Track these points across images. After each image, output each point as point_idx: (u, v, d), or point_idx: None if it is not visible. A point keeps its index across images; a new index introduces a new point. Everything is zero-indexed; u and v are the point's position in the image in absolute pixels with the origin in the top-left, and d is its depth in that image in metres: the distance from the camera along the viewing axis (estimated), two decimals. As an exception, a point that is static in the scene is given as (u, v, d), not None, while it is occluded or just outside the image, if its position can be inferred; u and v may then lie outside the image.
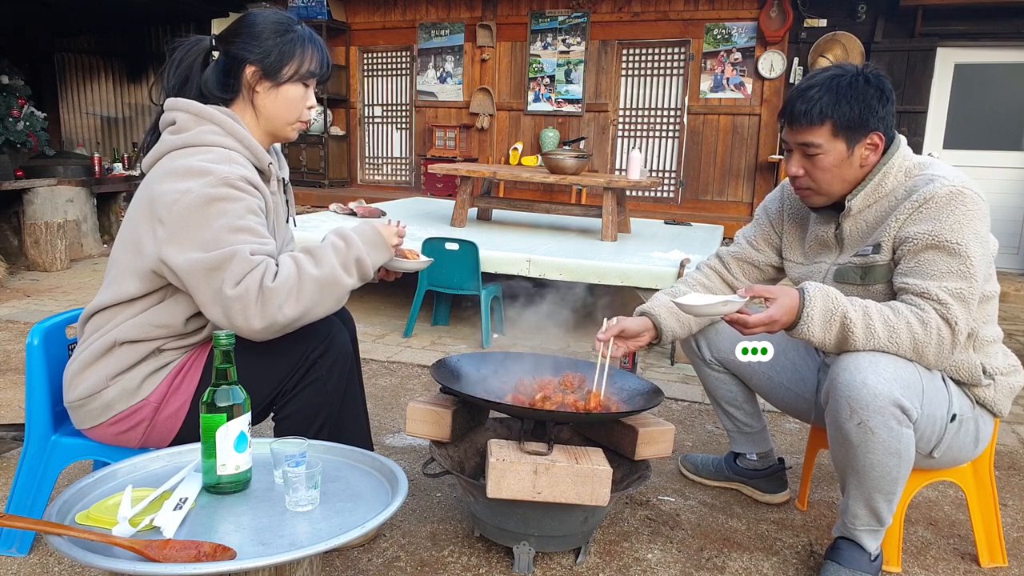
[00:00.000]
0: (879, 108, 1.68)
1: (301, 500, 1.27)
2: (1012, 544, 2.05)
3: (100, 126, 8.05)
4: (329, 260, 1.54)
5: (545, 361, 2.15)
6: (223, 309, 1.45)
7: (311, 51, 1.68)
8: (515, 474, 1.62)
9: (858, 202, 1.75)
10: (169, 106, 1.64)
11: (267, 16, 1.68)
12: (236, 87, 1.66)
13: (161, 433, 1.62)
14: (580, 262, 3.90)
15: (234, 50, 1.65)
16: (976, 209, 1.61)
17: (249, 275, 1.45)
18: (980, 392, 1.74)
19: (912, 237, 1.63)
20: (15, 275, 5.41)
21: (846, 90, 1.67)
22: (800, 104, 1.70)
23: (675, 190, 7.78)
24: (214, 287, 1.45)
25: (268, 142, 1.74)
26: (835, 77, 1.69)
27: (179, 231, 1.47)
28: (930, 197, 1.62)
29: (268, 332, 1.49)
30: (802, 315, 1.60)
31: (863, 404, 1.56)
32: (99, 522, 1.18)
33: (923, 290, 1.59)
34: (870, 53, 6.88)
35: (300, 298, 1.48)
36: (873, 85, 1.68)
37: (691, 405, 3.14)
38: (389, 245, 1.68)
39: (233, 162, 1.56)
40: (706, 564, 1.89)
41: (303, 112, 1.72)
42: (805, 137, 1.71)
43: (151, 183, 1.54)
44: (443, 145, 8.27)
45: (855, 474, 1.65)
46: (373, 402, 2.88)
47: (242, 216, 1.49)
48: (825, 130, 1.69)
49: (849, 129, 1.68)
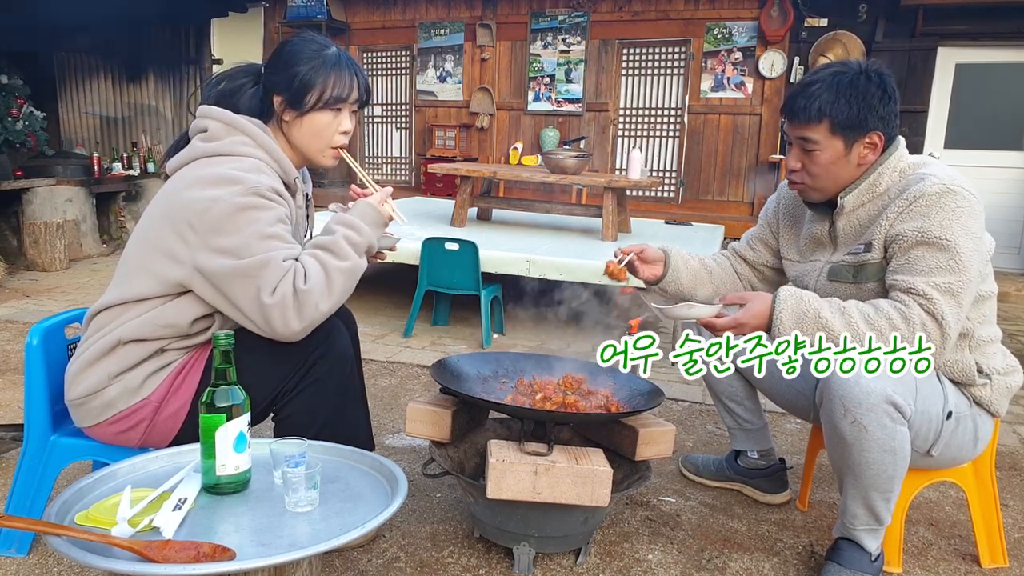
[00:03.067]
0: (880, 107, 1.67)
1: (301, 501, 1.27)
2: (1013, 544, 2.04)
3: (99, 126, 8.03)
4: (347, 250, 1.59)
5: (545, 361, 2.15)
6: (263, 316, 1.49)
7: (335, 76, 1.67)
8: (515, 475, 1.62)
9: (851, 200, 1.75)
10: (202, 113, 1.66)
11: (295, 44, 1.69)
12: (269, 114, 1.70)
13: (161, 433, 1.62)
14: (580, 262, 3.89)
15: (266, 79, 1.69)
16: (966, 206, 1.60)
17: (283, 281, 1.49)
18: (976, 392, 1.74)
19: (902, 235, 1.63)
20: (14, 275, 5.40)
21: (846, 88, 1.66)
22: (800, 99, 1.70)
23: (675, 190, 7.77)
24: (250, 295, 1.49)
25: (300, 164, 1.76)
26: (837, 74, 1.68)
27: (211, 238, 1.49)
28: (920, 195, 1.62)
29: (306, 331, 1.54)
30: (772, 319, 1.63)
31: (856, 402, 1.57)
32: (98, 522, 1.18)
33: (910, 286, 1.59)
34: (871, 53, 6.87)
35: (332, 292, 1.54)
36: (875, 83, 1.67)
37: (691, 405, 3.13)
38: (385, 218, 1.72)
39: (261, 172, 1.58)
40: (707, 565, 1.89)
41: (334, 138, 1.72)
42: (803, 132, 1.72)
43: (179, 188, 1.56)
44: (443, 145, 8.26)
45: (851, 473, 1.65)
46: (373, 402, 2.87)
47: (272, 224, 1.53)
48: (823, 128, 1.69)
49: (847, 128, 1.68)
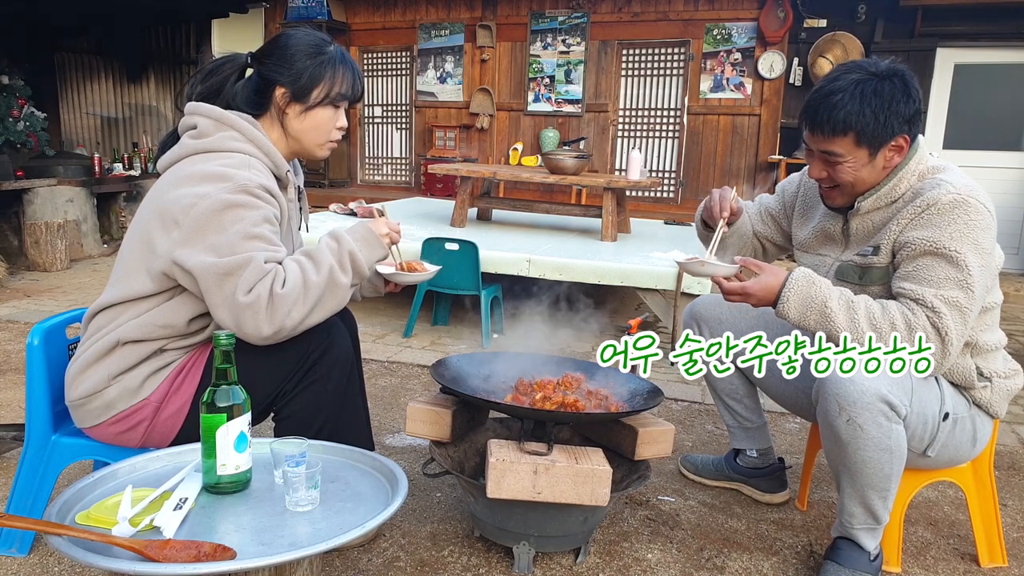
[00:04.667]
0: (905, 110, 1.62)
1: (301, 500, 1.27)
2: (1012, 544, 2.05)
3: (100, 126, 8.04)
4: (327, 261, 1.57)
5: (545, 361, 2.15)
6: (234, 315, 1.48)
7: (341, 73, 1.69)
8: (515, 474, 1.62)
9: (869, 203, 1.73)
10: (190, 110, 1.65)
11: (300, 37, 1.69)
12: (265, 105, 1.69)
13: (161, 433, 1.62)
14: (580, 262, 3.90)
15: (266, 70, 1.68)
16: (979, 219, 1.58)
17: (260, 283, 1.48)
18: (976, 394, 1.74)
19: (911, 242, 1.62)
20: (15, 275, 5.41)
21: (871, 97, 1.60)
22: (823, 110, 1.64)
23: (675, 190, 7.77)
24: (227, 292, 1.48)
25: (291, 157, 1.76)
26: (860, 82, 1.62)
27: (194, 234, 1.49)
28: (933, 203, 1.60)
29: (275, 337, 1.52)
30: (780, 296, 1.64)
31: (851, 401, 1.57)
32: (99, 522, 1.18)
33: (918, 296, 1.58)
34: (870, 53, 6.87)
35: (306, 302, 1.52)
36: (899, 87, 1.62)
37: (691, 405, 3.14)
38: (382, 241, 1.69)
39: (252, 168, 1.58)
40: (706, 564, 1.89)
41: (332, 133, 1.74)
42: (827, 146, 1.67)
43: (168, 185, 1.56)
44: (443, 145, 8.27)
45: (848, 472, 1.65)
46: (373, 402, 2.88)
47: (257, 224, 1.52)
48: (848, 140, 1.64)
49: (873, 137, 1.63)
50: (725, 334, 1.66)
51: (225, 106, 1.67)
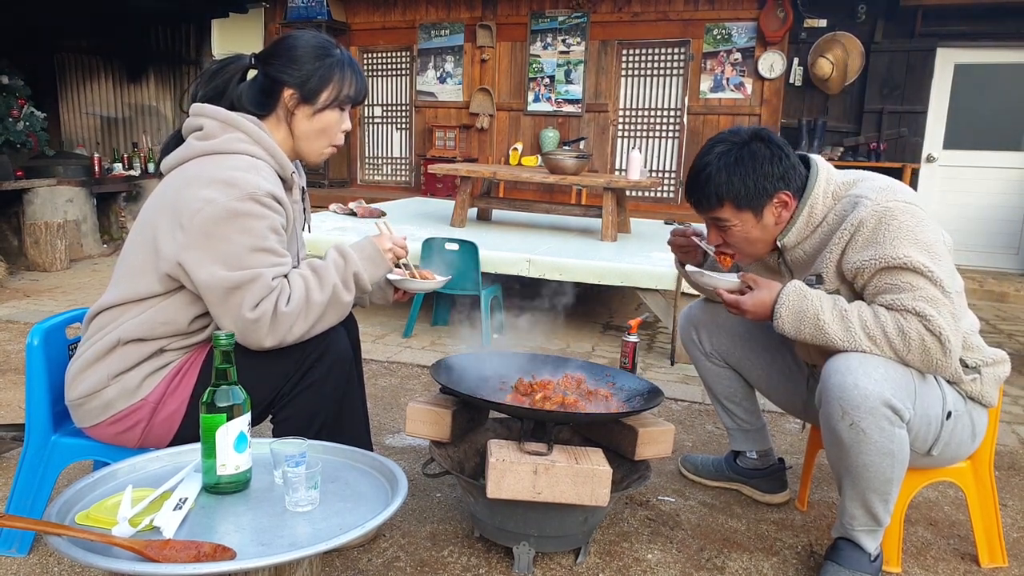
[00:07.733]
0: (774, 170, 1.68)
1: (301, 500, 1.27)
2: (1012, 544, 2.05)
3: (100, 126, 8.04)
4: (331, 280, 1.60)
5: (545, 361, 2.16)
6: (238, 328, 1.51)
7: (349, 76, 1.69)
8: (515, 474, 1.62)
9: (791, 239, 1.75)
10: (196, 111, 1.65)
11: (307, 39, 1.69)
12: (272, 106, 1.68)
13: (159, 434, 1.62)
14: (580, 262, 3.90)
15: (273, 71, 1.67)
16: (909, 219, 1.59)
17: (266, 299, 1.51)
18: (968, 387, 1.74)
19: (861, 266, 1.62)
20: (15, 275, 5.41)
21: (734, 166, 1.67)
22: (697, 188, 1.72)
23: (675, 190, 7.77)
24: (232, 305, 1.50)
25: (294, 157, 1.77)
26: (722, 154, 1.69)
27: (200, 241, 1.49)
28: (859, 224, 1.62)
29: (275, 347, 1.56)
30: (773, 311, 1.67)
31: (854, 405, 1.57)
32: (99, 522, 1.18)
33: (901, 305, 1.58)
34: (870, 53, 6.88)
35: (308, 318, 1.56)
36: (762, 150, 1.67)
37: (691, 405, 3.14)
38: (386, 259, 1.72)
39: (258, 171, 1.57)
40: (706, 564, 1.89)
41: (336, 136, 1.74)
42: (710, 215, 1.74)
43: (174, 187, 1.56)
44: (443, 145, 8.27)
45: (849, 475, 1.66)
46: (373, 402, 2.88)
47: (265, 236, 1.53)
48: (728, 208, 1.71)
49: (750, 201, 1.69)
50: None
51: (229, 107, 1.66)
